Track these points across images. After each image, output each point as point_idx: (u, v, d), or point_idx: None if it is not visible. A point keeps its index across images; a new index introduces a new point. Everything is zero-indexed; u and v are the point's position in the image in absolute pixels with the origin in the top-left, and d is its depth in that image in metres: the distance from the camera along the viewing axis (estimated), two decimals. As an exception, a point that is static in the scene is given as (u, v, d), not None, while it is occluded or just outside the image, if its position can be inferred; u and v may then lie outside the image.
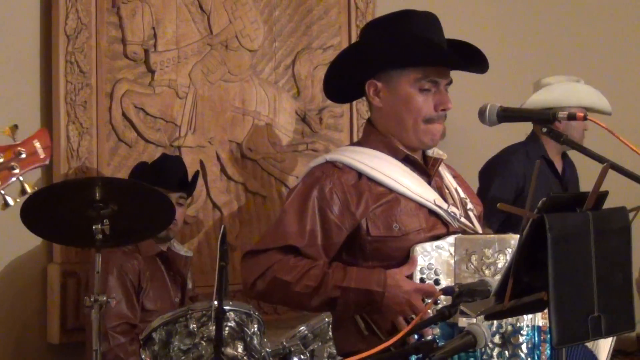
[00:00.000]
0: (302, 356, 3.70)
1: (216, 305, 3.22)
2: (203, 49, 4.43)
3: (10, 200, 2.34)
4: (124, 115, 4.23)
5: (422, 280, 2.66)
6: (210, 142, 4.43)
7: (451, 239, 2.69)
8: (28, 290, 4.09)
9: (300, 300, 2.74)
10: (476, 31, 5.07)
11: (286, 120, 4.63)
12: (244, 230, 4.51)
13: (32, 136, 2.43)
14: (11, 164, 2.35)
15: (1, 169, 2.35)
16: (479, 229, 2.86)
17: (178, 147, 4.35)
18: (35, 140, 2.42)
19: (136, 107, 4.26)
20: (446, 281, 2.65)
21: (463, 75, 2.89)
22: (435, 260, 2.67)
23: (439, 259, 2.67)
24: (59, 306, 4.04)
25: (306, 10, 4.69)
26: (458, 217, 2.79)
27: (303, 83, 4.67)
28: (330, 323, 3.60)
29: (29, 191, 2.36)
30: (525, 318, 2.63)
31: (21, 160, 2.37)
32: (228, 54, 4.49)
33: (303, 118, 4.67)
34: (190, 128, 4.38)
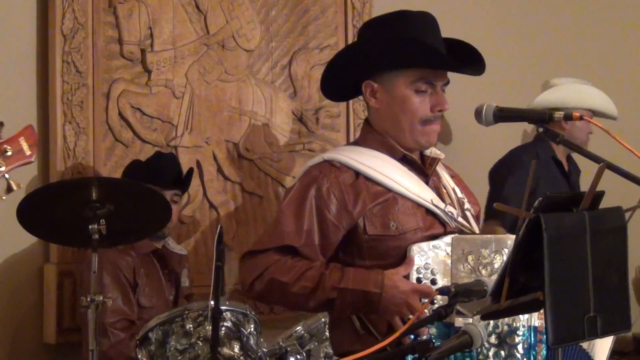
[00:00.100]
0: (299, 356, 3.70)
1: (212, 305, 3.21)
2: (200, 49, 4.43)
3: None
4: (121, 115, 4.23)
5: (419, 280, 2.65)
6: (206, 142, 4.43)
7: (448, 239, 2.69)
8: (24, 290, 4.09)
9: (297, 301, 2.74)
10: (483, 33, 5.09)
11: (283, 120, 4.63)
12: (241, 230, 4.50)
13: (18, 133, 2.41)
14: None
15: None
16: (476, 229, 2.87)
17: (175, 147, 4.34)
18: (21, 137, 2.40)
19: (133, 107, 4.26)
20: (443, 281, 2.65)
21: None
22: (432, 260, 2.67)
23: (436, 259, 2.67)
24: (56, 306, 4.03)
25: (303, 10, 4.68)
26: (455, 217, 2.80)
27: (300, 83, 4.66)
28: (326, 323, 3.60)
29: (15, 189, 2.35)
30: (521, 318, 2.63)
31: (7, 157, 2.36)
32: (225, 54, 4.49)
33: (300, 118, 4.67)
34: (186, 128, 4.38)
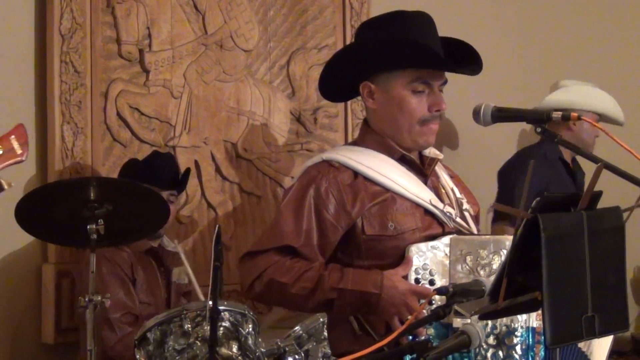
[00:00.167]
0: (297, 356, 3.69)
1: (211, 305, 3.21)
2: (198, 49, 4.42)
3: None
4: (119, 115, 4.22)
5: (417, 280, 2.65)
6: (205, 142, 4.42)
7: (446, 240, 2.69)
8: (22, 290, 4.08)
9: (297, 301, 2.74)
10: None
11: (281, 120, 4.63)
12: (239, 230, 4.50)
13: (9, 132, 2.40)
14: None
15: None
16: (474, 229, 2.87)
17: (173, 147, 4.34)
18: (12, 136, 2.39)
19: (131, 107, 4.25)
20: (441, 281, 2.65)
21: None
22: (430, 260, 2.67)
23: (434, 259, 2.67)
24: (54, 306, 4.02)
25: (301, 10, 4.68)
26: (453, 217, 2.80)
27: (298, 83, 4.66)
28: (325, 323, 3.59)
29: (6, 188, 2.34)
30: (519, 319, 2.63)
31: None
32: (223, 54, 4.48)
33: (298, 118, 4.67)
34: (185, 128, 4.38)
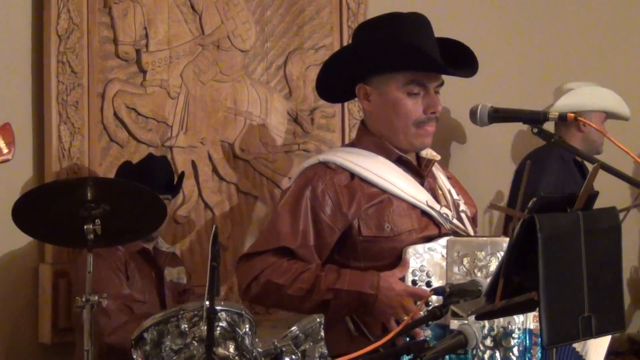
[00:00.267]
0: (294, 356, 3.70)
1: (208, 305, 3.21)
2: (195, 49, 4.43)
3: None
4: (116, 115, 4.22)
5: (414, 282, 2.65)
6: (202, 143, 4.43)
7: (443, 241, 2.68)
8: (19, 290, 4.08)
9: (293, 303, 2.73)
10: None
11: (278, 120, 4.63)
12: (236, 230, 4.51)
13: None
14: None
15: None
16: (471, 231, 2.87)
17: (170, 148, 4.34)
18: None
19: (128, 107, 4.25)
20: (438, 283, 2.65)
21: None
22: (427, 262, 2.67)
23: (431, 261, 2.67)
24: (51, 306, 4.03)
25: (298, 10, 4.69)
26: (450, 219, 2.80)
27: (295, 83, 4.66)
28: (321, 323, 3.60)
29: None
30: (516, 321, 2.63)
31: None
32: (220, 54, 4.49)
33: (295, 118, 4.67)
34: (182, 128, 4.38)
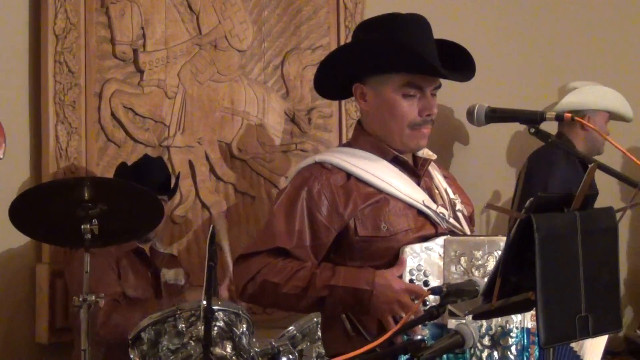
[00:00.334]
0: (291, 356, 3.70)
1: (205, 305, 3.21)
2: (192, 49, 4.43)
3: None
4: (113, 115, 4.22)
5: (412, 281, 2.65)
6: (199, 142, 4.43)
7: (441, 240, 2.69)
8: (16, 290, 4.08)
9: (290, 301, 2.74)
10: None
11: (275, 120, 4.63)
12: (233, 230, 4.50)
13: None
14: None
15: None
16: (467, 230, 2.87)
17: (167, 147, 4.34)
18: None
19: (125, 107, 4.25)
20: (435, 282, 2.65)
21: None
22: (424, 261, 2.67)
23: (429, 260, 2.67)
24: (48, 306, 4.03)
25: (295, 10, 4.69)
26: (447, 218, 2.80)
27: (292, 83, 4.66)
28: (319, 323, 3.60)
29: None
30: (514, 320, 2.63)
31: None
32: (217, 54, 4.49)
33: (292, 118, 4.67)
34: (179, 128, 4.38)
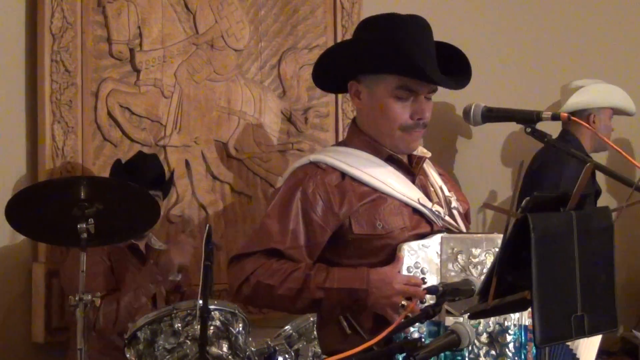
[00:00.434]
0: (287, 355, 3.70)
1: (201, 304, 3.21)
2: (189, 49, 4.42)
3: None
4: (109, 114, 4.22)
5: (409, 279, 2.66)
6: (195, 142, 4.43)
7: (438, 238, 2.68)
8: (12, 289, 4.08)
9: (284, 303, 2.73)
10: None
11: (272, 120, 4.63)
12: (229, 229, 4.50)
13: None
14: None
15: None
16: (463, 228, 2.87)
17: (163, 147, 4.34)
18: None
19: (121, 107, 4.25)
20: (432, 280, 2.65)
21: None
22: (421, 259, 2.67)
23: (426, 258, 2.67)
24: (44, 305, 4.02)
25: (292, 10, 4.69)
26: (442, 216, 2.80)
27: (289, 83, 4.66)
28: (315, 322, 3.60)
29: None
30: (512, 317, 2.63)
31: None
32: (214, 54, 4.48)
33: (289, 118, 4.67)
34: (175, 127, 4.38)
